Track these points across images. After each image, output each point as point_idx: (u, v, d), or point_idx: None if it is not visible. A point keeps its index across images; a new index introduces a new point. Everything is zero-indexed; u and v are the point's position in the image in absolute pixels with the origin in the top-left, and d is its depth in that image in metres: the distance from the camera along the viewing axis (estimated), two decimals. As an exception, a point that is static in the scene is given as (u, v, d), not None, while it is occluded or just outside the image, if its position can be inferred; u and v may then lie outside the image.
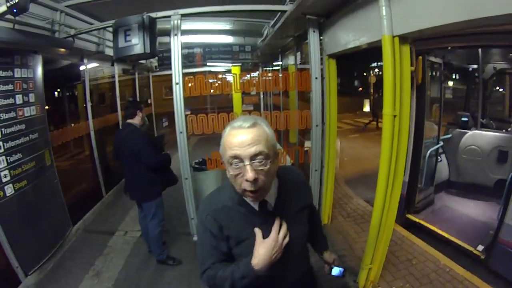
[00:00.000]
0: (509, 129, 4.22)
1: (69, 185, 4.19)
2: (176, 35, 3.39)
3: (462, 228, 3.55)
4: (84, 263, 3.52)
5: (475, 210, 3.91)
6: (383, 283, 2.85)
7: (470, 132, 4.39)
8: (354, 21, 2.71)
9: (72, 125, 4.63)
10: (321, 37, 3.51)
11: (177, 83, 3.42)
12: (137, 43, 3.08)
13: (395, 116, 2.21)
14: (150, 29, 3.09)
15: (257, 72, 8.61)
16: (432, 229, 3.62)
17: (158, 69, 7.94)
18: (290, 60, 6.32)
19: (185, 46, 6.44)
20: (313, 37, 3.52)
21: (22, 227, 3.02)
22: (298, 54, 5.29)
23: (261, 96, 8.43)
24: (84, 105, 4.84)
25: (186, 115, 3.43)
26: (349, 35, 2.85)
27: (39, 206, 3.30)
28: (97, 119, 5.13)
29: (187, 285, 3.15)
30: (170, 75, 3.39)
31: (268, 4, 3.67)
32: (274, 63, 7.41)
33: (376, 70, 20.95)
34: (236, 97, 8.51)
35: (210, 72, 6.44)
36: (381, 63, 2.22)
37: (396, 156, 2.32)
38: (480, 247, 3.12)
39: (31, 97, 3.30)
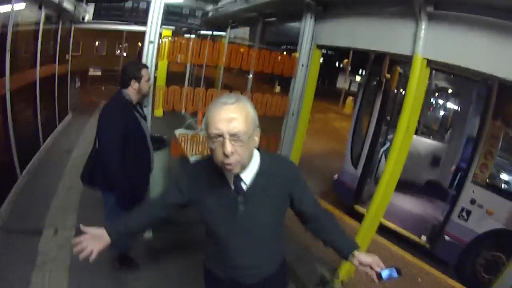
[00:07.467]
0: (443, 139, 5.08)
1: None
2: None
3: (402, 220, 4.09)
4: (17, 281, 2.43)
5: (410, 204, 4.58)
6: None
7: None
8: (373, 24, 2.61)
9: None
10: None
11: (151, 42, 2.70)
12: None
13: (407, 127, 2.37)
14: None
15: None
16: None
17: (84, 21, 6.11)
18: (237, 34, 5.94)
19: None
20: (309, 23, 3.29)
21: None
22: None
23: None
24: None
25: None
26: (360, 35, 2.77)
27: None
28: (15, 76, 3.55)
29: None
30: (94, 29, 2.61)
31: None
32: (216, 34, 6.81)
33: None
34: (162, 65, 7.49)
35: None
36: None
37: (400, 162, 2.50)
38: (423, 237, 3.69)
39: None
